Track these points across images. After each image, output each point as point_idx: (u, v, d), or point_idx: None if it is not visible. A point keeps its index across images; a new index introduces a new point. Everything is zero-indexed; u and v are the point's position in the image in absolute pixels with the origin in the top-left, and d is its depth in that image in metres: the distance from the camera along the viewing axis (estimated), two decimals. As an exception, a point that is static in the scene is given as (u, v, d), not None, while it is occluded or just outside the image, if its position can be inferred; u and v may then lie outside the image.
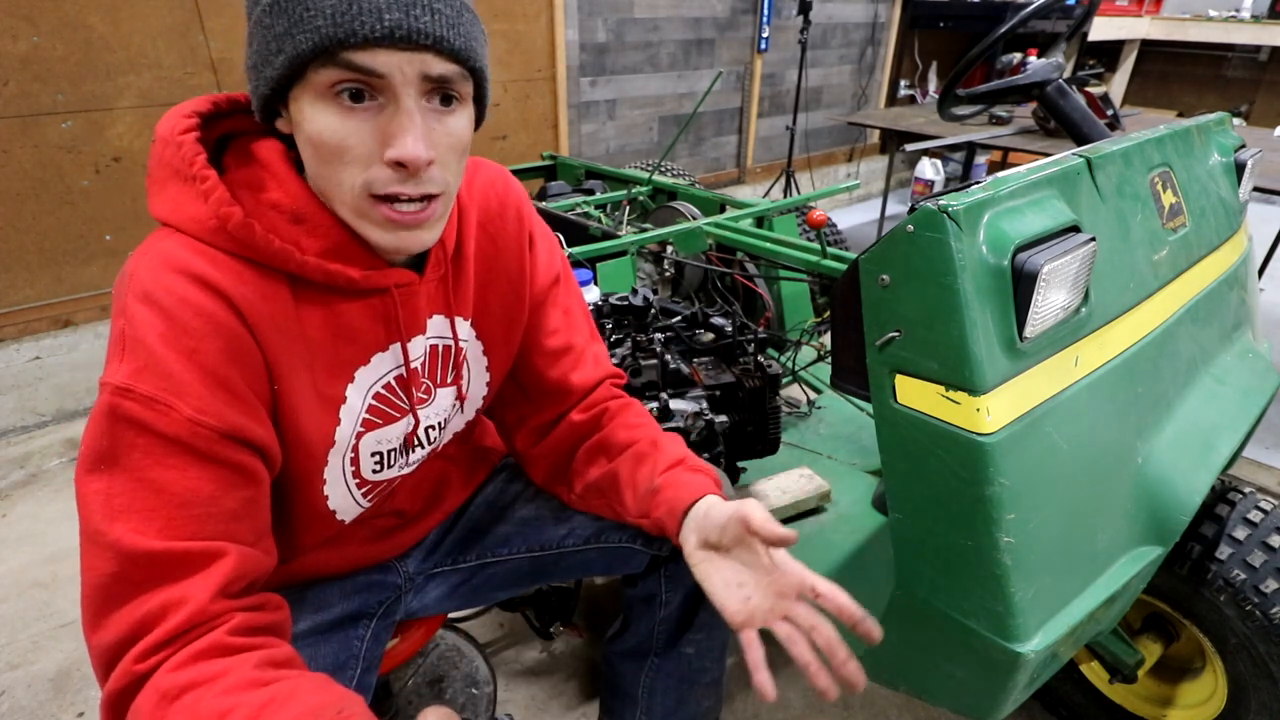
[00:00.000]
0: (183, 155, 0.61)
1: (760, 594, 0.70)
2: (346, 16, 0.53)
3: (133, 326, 0.57)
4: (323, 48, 0.54)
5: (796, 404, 1.75)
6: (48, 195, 2.15)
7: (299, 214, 0.63)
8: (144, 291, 0.58)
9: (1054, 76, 1.27)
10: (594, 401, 0.90)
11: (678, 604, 0.93)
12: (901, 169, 4.92)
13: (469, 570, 0.96)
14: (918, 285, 0.74)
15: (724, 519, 0.71)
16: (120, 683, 0.55)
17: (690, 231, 1.73)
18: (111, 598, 0.56)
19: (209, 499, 0.59)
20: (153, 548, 0.56)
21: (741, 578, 0.71)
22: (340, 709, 0.54)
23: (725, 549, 0.73)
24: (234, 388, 0.60)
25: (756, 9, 3.78)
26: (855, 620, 0.66)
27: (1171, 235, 1.01)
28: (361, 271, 0.66)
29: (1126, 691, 1.28)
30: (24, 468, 2.10)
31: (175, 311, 0.58)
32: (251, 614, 0.60)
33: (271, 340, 0.63)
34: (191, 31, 2.26)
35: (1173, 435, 0.95)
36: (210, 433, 0.58)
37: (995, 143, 2.89)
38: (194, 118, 0.63)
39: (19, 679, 1.47)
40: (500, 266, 0.82)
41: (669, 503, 0.78)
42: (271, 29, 0.56)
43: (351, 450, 0.73)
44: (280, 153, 0.64)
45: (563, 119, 3.31)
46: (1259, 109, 5.03)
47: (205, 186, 0.60)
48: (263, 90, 0.59)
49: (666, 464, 0.82)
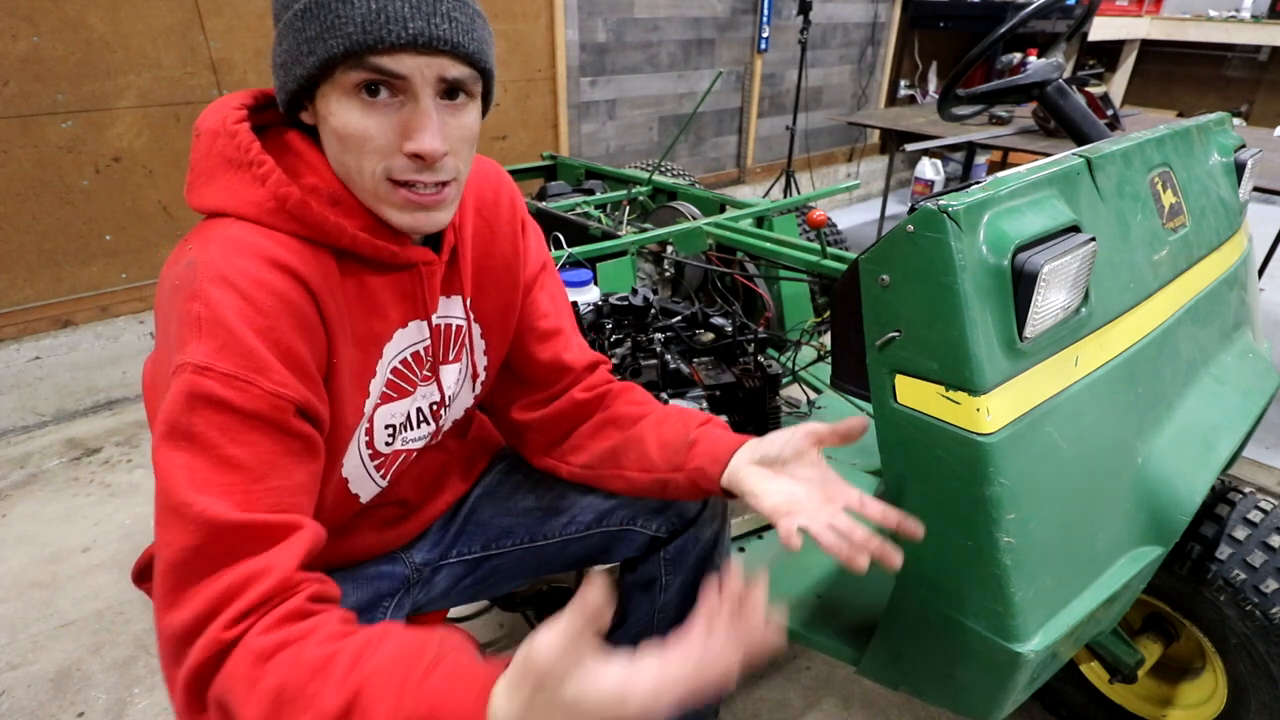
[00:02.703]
0: (238, 144, 0.65)
1: (808, 499, 0.73)
2: (375, 24, 0.59)
3: (209, 308, 0.59)
4: (352, 52, 0.59)
5: (796, 404, 1.75)
6: (48, 195, 2.15)
7: (335, 196, 0.68)
8: (219, 274, 0.61)
9: (1054, 76, 1.27)
10: (595, 383, 0.93)
11: (677, 588, 0.95)
12: (901, 169, 4.92)
13: (474, 562, 0.97)
14: (918, 285, 0.74)
15: (786, 436, 0.75)
16: (208, 652, 0.55)
17: (690, 231, 1.73)
18: (194, 572, 0.56)
19: (285, 472, 0.61)
20: (237, 519, 0.57)
21: (793, 488, 0.74)
22: (441, 638, 0.55)
23: (783, 464, 0.75)
24: (304, 364, 0.64)
25: (756, 9, 3.78)
26: (897, 521, 0.71)
27: (1171, 235, 1.01)
28: (399, 246, 0.71)
29: (1126, 691, 1.28)
30: (24, 468, 2.10)
31: (251, 292, 0.61)
32: (323, 585, 0.62)
33: (331, 313, 0.67)
34: (191, 31, 2.26)
35: (1173, 435, 0.95)
36: (289, 405, 0.61)
37: (995, 143, 2.89)
38: (243, 109, 0.68)
39: (19, 679, 1.47)
40: (496, 251, 0.86)
41: (710, 451, 0.80)
42: (303, 32, 0.61)
43: (368, 421, 0.76)
44: (310, 143, 0.69)
45: (563, 119, 3.31)
46: (1259, 109, 5.03)
47: (263, 170, 0.64)
48: (291, 86, 0.64)
49: (700, 421, 0.85)
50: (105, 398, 2.39)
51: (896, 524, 0.70)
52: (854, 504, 0.72)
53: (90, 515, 1.91)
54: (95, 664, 1.50)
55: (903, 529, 0.70)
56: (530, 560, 0.97)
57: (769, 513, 0.73)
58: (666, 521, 0.94)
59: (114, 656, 1.52)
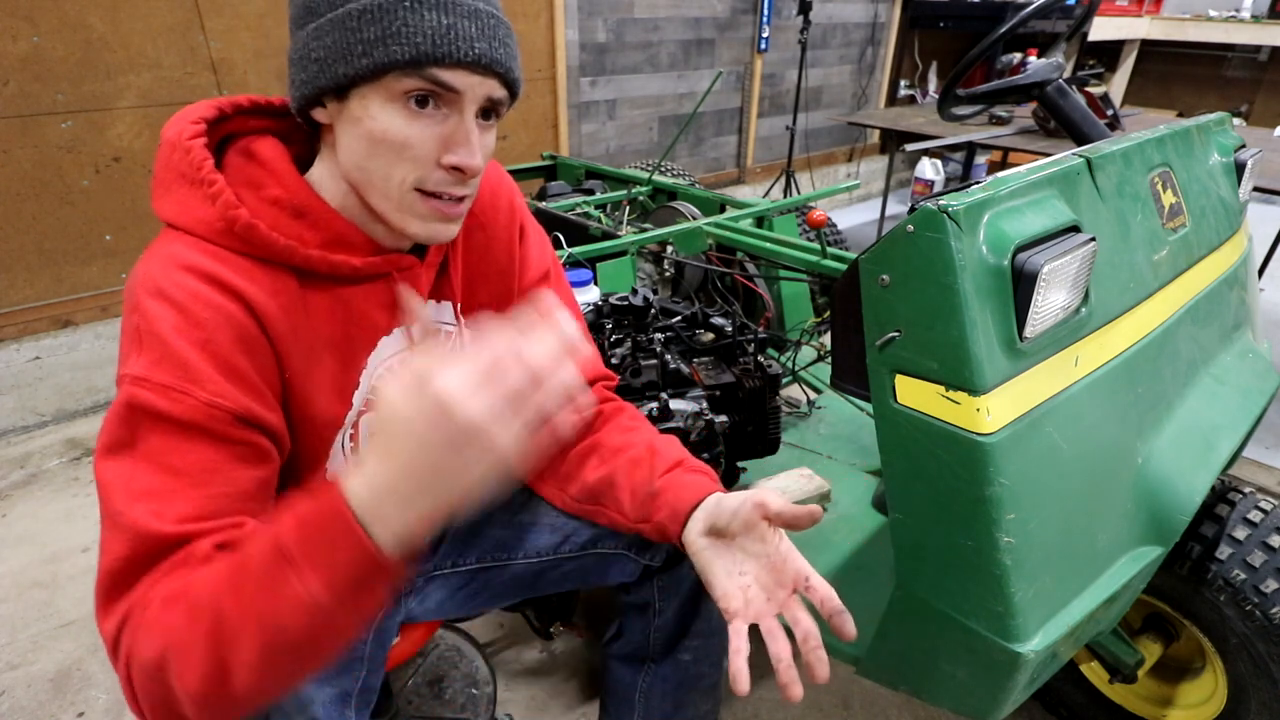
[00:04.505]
0: (190, 160, 0.65)
1: (758, 586, 0.71)
2: (445, 39, 0.61)
3: (147, 321, 0.60)
4: (417, 61, 0.60)
5: (796, 404, 1.75)
6: (48, 195, 2.15)
7: (299, 208, 0.68)
8: (156, 288, 0.61)
9: (1054, 76, 1.27)
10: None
11: (672, 612, 0.94)
12: (901, 169, 4.92)
13: (468, 574, 0.96)
14: (918, 285, 0.74)
15: (736, 504, 0.72)
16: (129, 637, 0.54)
17: (690, 231, 1.73)
18: (122, 582, 0.56)
19: (226, 478, 0.61)
20: (168, 531, 0.56)
21: (743, 566, 0.72)
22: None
23: (731, 536, 0.73)
24: (245, 375, 0.63)
25: (756, 9, 3.78)
26: (832, 612, 0.67)
27: (1171, 235, 1.01)
28: (363, 259, 0.71)
29: (1126, 691, 1.28)
30: (24, 468, 2.11)
31: (187, 305, 0.61)
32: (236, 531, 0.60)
33: (281, 332, 0.66)
34: (191, 31, 2.26)
35: (1173, 435, 0.95)
36: (225, 415, 0.61)
37: (995, 143, 2.89)
38: (200, 123, 0.67)
39: (19, 679, 1.47)
40: (490, 256, 0.85)
41: (671, 505, 0.78)
42: (359, 33, 0.60)
43: (351, 428, 0.76)
44: (281, 152, 0.69)
45: (563, 119, 3.30)
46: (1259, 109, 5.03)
47: (213, 190, 0.64)
48: (324, 82, 0.63)
49: (665, 467, 0.82)
50: (105, 398, 2.39)
51: (829, 615, 0.67)
52: (800, 584, 0.69)
53: (90, 515, 1.91)
54: (95, 664, 1.50)
55: (834, 620, 0.67)
56: (525, 577, 0.96)
57: (719, 605, 0.70)
58: (660, 551, 0.92)
59: (114, 656, 1.52)
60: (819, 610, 0.68)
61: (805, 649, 0.66)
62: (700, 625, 0.94)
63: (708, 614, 0.94)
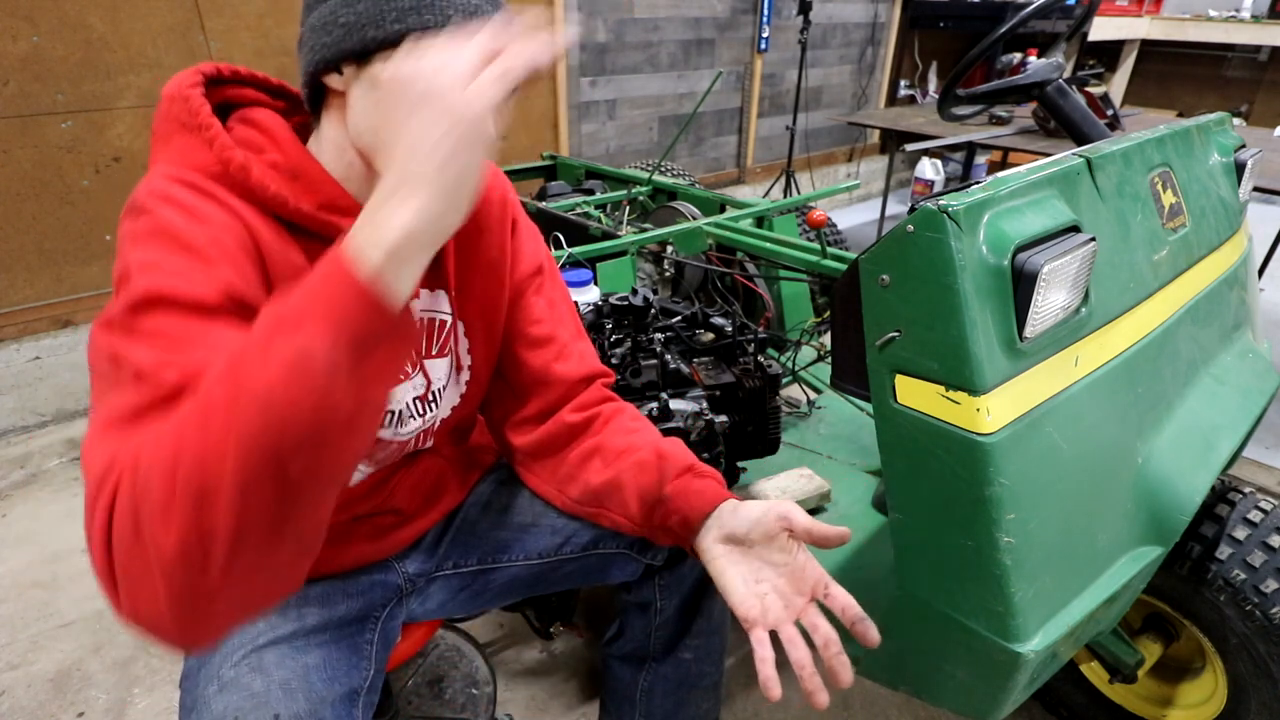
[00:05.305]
0: (189, 107, 0.66)
1: (776, 594, 0.71)
2: (479, 10, 0.64)
3: (154, 220, 0.59)
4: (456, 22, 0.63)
5: (796, 404, 1.75)
6: (48, 195, 2.15)
7: (296, 171, 0.68)
8: (162, 195, 0.61)
9: (1054, 76, 1.27)
10: (587, 403, 0.90)
11: (673, 611, 0.94)
12: (901, 169, 4.92)
13: (470, 575, 0.96)
14: (918, 285, 0.74)
15: (757, 514, 0.72)
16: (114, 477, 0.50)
17: (690, 231, 1.73)
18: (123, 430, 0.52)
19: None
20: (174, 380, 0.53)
21: (761, 574, 0.72)
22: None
23: (750, 544, 0.73)
24: (248, 276, 0.62)
25: (756, 9, 3.78)
26: (854, 619, 0.68)
27: (1171, 235, 1.01)
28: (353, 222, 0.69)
29: (1126, 691, 1.28)
30: (24, 468, 2.10)
31: (195, 207, 0.61)
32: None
33: (272, 262, 0.66)
34: (191, 31, 2.26)
35: (1173, 435, 0.95)
36: (236, 301, 0.59)
37: (995, 143, 2.89)
38: (198, 76, 0.69)
39: (19, 679, 1.47)
40: (482, 247, 0.85)
41: (682, 511, 0.78)
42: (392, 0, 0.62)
43: None
44: (281, 122, 0.70)
45: (563, 119, 3.30)
46: (1259, 109, 5.03)
47: (210, 134, 0.65)
48: (348, 45, 0.63)
49: (675, 472, 0.82)
50: (105, 398, 2.39)
51: (851, 623, 0.68)
52: (819, 592, 0.70)
53: (90, 515, 1.91)
54: (95, 664, 1.50)
55: (856, 629, 0.68)
56: (525, 577, 0.96)
57: (736, 613, 0.70)
58: (661, 550, 0.92)
59: (114, 656, 1.52)
60: (840, 618, 0.68)
61: (827, 655, 0.66)
62: (701, 624, 0.94)
63: (709, 613, 0.95)
